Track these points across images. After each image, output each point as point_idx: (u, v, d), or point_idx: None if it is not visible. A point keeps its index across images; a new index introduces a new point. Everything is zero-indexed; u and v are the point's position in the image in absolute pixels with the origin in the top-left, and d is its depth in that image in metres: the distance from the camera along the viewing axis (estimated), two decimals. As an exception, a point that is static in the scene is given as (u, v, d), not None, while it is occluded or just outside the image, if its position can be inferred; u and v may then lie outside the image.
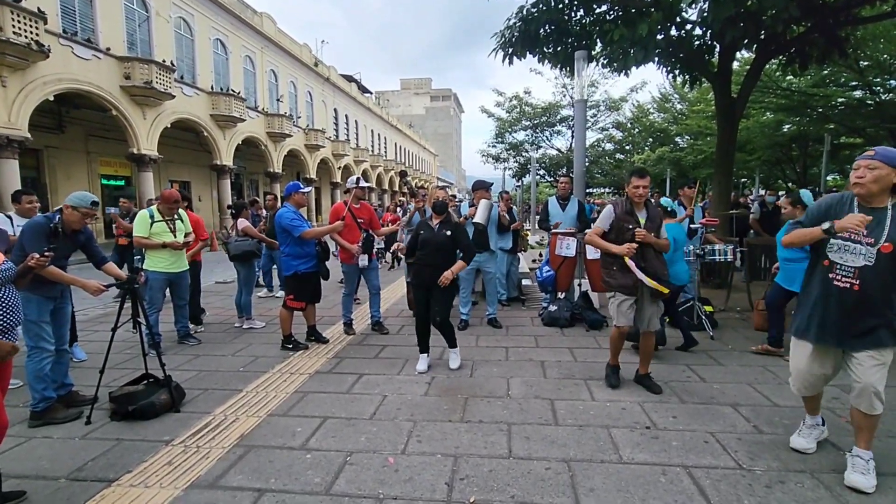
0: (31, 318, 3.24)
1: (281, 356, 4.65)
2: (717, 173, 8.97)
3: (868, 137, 15.74)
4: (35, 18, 12.05)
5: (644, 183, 3.50)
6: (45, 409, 3.28)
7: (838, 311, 2.41)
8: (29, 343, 3.29)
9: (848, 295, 2.37)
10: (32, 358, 3.26)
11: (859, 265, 2.34)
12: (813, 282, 2.55)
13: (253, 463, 2.72)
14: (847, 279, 2.38)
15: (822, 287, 2.47)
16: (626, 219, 3.54)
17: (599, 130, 25.70)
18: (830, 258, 2.44)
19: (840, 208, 2.44)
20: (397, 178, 45.58)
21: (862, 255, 2.34)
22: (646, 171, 3.62)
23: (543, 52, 7.91)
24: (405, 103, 77.12)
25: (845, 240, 2.37)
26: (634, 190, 3.52)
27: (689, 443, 2.86)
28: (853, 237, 2.35)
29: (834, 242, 2.42)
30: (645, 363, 3.77)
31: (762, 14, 5.84)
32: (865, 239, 2.32)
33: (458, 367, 4.20)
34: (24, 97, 12.62)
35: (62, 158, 16.34)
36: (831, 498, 2.32)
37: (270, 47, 25.08)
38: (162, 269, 4.77)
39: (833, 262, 2.43)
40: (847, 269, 2.38)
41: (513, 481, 2.50)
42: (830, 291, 2.43)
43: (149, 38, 17.15)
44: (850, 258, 2.37)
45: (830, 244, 2.43)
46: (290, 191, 4.90)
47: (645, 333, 3.71)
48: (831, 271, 2.43)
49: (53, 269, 3.22)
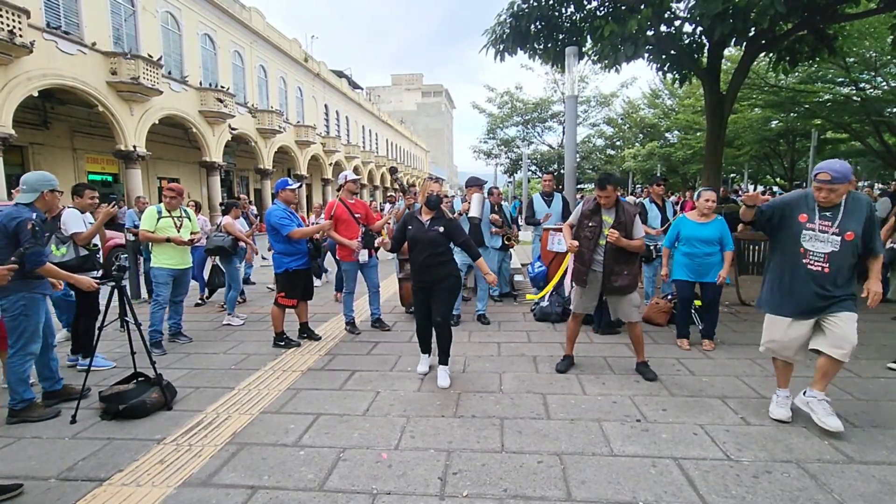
0: (36, 320, 3.20)
1: (273, 353, 4.64)
2: (706, 169, 9.06)
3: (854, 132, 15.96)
4: (17, 12, 11.81)
5: (605, 194, 3.72)
6: (22, 409, 3.24)
7: (813, 289, 2.88)
8: (19, 343, 3.20)
9: (820, 275, 2.87)
10: (17, 360, 3.20)
11: (828, 251, 2.84)
12: (784, 267, 3.01)
13: (246, 460, 2.71)
14: (818, 263, 2.87)
15: (797, 271, 2.94)
16: (589, 217, 3.82)
17: (590, 126, 25.80)
18: (805, 246, 2.91)
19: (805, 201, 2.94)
20: (388, 175, 45.41)
21: (829, 242, 2.84)
22: (608, 181, 3.74)
23: (534, 48, 7.92)
24: (396, 99, 76.69)
25: (815, 231, 2.87)
26: (599, 199, 3.79)
27: (679, 435, 2.91)
28: (821, 228, 2.86)
29: (806, 233, 2.90)
30: (639, 352, 3.96)
31: (750, 10, 5.89)
32: (831, 230, 2.83)
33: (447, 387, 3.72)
34: (8, 93, 12.38)
35: (48, 155, 16.06)
36: (816, 487, 2.37)
37: (259, 42, 24.81)
38: (168, 265, 4.80)
39: (807, 249, 2.90)
40: (818, 255, 2.87)
41: (505, 475, 2.53)
42: (805, 274, 2.91)
43: (135, 32, 16.89)
44: (820, 245, 2.86)
45: (803, 234, 2.91)
46: (278, 188, 4.88)
47: (628, 324, 3.93)
48: (805, 257, 2.91)
49: (50, 265, 3.20)
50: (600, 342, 4.81)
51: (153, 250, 4.87)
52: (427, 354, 4.10)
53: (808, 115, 15.44)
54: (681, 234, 4.64)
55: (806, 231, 2.90)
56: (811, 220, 2.89)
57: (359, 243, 4.97)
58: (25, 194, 3.25)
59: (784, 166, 22.39)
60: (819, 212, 2.87)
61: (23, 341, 3.20)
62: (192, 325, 5.70)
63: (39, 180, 3.31)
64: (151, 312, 4.78)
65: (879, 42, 11.69)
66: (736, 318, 5.60)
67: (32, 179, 3.30)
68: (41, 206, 3.30)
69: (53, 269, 3.24)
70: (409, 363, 4.28)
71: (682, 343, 4.66)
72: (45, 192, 3.31)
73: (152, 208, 4.93)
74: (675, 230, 4.73)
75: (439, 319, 3.81)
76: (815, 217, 2.88)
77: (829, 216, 2.84)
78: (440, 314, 3.80)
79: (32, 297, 3.19)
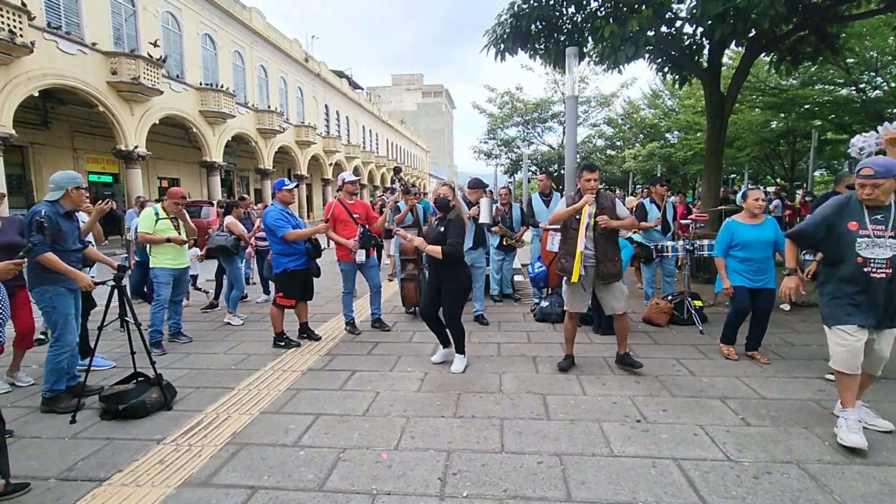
0: (62, 312, 3.39)
1: (273, 354, 4.64)
2: (706, 169, 9.07)
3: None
4: (18, 12, 11.82)
5: (594, 176, 3.81)
6: (51, 398, 3.42)
7: (882, 297, 2.74)
8: (53, 335, 3.42)
9: (884, 282, 2.73)
10: (55, 349, 3.40)
11: (888, 256, 2.71)
12: (844, 278, 2.84)
13: (245, 460, 2.71)
14: (882, 270, 2.72)
15: (861, 281, 2.77)
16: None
17: (590, 126, 25.76)
18: (863, 255, 2.75)
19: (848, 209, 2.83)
20: (388, 174, 45.43)
21: (889, 247, 2.71)
22: (595, 165, 3.93)
23: (535, 48, 7.92)
24: (397, 99, 76.70)
25: (871, 237, 2.73)
26: (586, 183, 3.82)
27: (679, 435, 2.90)
28: (875, 233, 2.72)
29: (861, 241, 2.75)
30: (621, 343, 4.04)
31: (750, 11, 5.89)
32: (888, 233, 2.70)
33: (462, 371, 4.03)
34: (8, 93, 12.41)
35: (48, 155, 16.10)
36: (817, 488, 2.37)
37: (260, 42, 24.84)
38: (168, 265, 4.83)
39: (866, 258, 2.74)
40: (880, 262, 2.72)
41: (505, 475, 2.52)
42: (871, 282, 2.74)
43: (136, 33, 16.91)
44: (879, 252, 2.72)
45: (859, 243, 2.76)
46: (276, 188, 4.90)
47: (615, 317, 3.99)
48: (866, 266, 2.75)
49: (52, 257, 3.26)
50: (600, 342, 4.80)
51: (153, 251, 4.88)
52: (444, 347, 4.30)
53: (808, 115, 15.44)
54: (735, 240, 4.21)
55: (861, 239, 2.75)
56: (863, 226, 2.74)
57: (355, 243, 4.98)
58: (53, 192, 3.45)
59: (784, 167, 22.38)
60: (869, 216, 2.74)
61: (57, 332, 3.40)
62: (192, 325, 5.71)
63: (65, 178, 3.51)
64: (152, 312, 4.79)
65: (881, 42, 11.69)
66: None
67: (58, 178, 3.50)
68: (67, 203, 3.50)
69: (53, 260, 3.27)
70: (410, 363, 4.28)
71: (728, 351, 4.32)
72: (71, 188, 3.48)
73: (150, 209, 4.94)
74: (727, 236, 4.26)
75: (447, 319, 4.11)
76: (865, 222, 2.74)
77: (881, 219, 2.71)
78: (446, 314, 4.09)
79: (56, 290, 3.38)
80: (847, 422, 2.77)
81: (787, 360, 4.20)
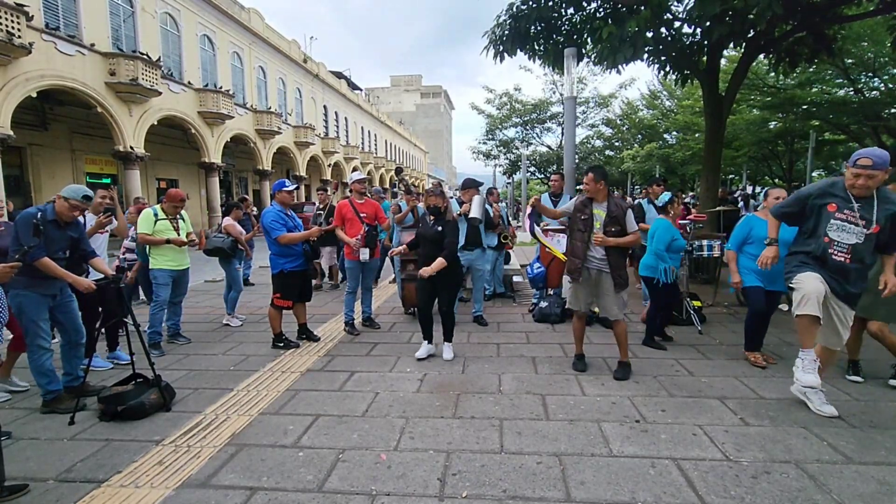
0: (30, 317, 3.33)
1: (272, 355, 4.63)
2: (704, 169, 9.09)
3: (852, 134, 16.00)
4: (16, 13, 11.80)
5: (585, 179, 3.84)
6: (51, 400, 3.43)
7: (835, 277, 2.92)
8: (27, 339, 3.39)
9: (840, 266, 2.89)
10: (32, 355, 3.38)
11: (852, 242, 2.85)
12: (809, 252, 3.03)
13: (245, 461, 2.71)
14: (842, 254, 2.88)
15: (822, 259, 2.95)
16: (581, 210, 3.89)
17: (589, 127, 25.85)
18: (830, 235, 2.91)
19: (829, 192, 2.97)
20: (387, 175, 45.43)
21: (855, 234, 2.84)
22: (602, 170, 3.91)
23: (534, 49, 7.93)
24: (395, 100, 76.75)
25: (843, 221, 2.86)
26: (585, 186, 3.87)
27: (678, 436, 2.91)
28: (850, 219, 2.85)
29: (834, 222, 2.90)
30: (623, 351, 3.98)
31: (748, 11, 5.90)
32: (860, 222, 2.83)
33: (451, 360, 4.34)
34: (6, 94, 12.37)
35: (46, 156, 16.05)
36: (815, 487, 2.37)
37: (258, 43, 24.81)
38: (168, 266, 4.82)
39: (832, 239, 2.90)
40: (842, 246, 2.87)
41: (504, 476, 2.53)
42: (828, 262, 2.92)
43: (134, 33, 16.89)
44: (845, 237, 2.86)
45: (830, 224, 2.91)
46: (275, 189, 4.90)
47: (614, 323, 3.92)
48: (830, 247, 2.91)
49: (48, 261, 3.23)
50: (600, 343, 4.80)
51: (152, 252, 4.86)
52: (427, 342, 4.47)
53: (806, 116, 15.48)
54: (752, 236, 4.03)
55: (834, 220, 2.90)
56: (840, 209, 2.88)
57: (357, 241, 4.99)
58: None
59: (782, 167, 22.42)
60: (850, 202, 2.86)
61: (28, 337, 3.37)
62: (191, 325, 5.70)
63: (65, 189, 3.47)
64: (151, 314, 4.78)
65: (878, 44, 11.73)
66: (735, 319, 5.60)
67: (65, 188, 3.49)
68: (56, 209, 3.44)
69: (52, 266, 3.25)
70: (409, 364, 4.28)
71: (755, 358, 4.10)
72: (58, 196, 3.43)
73: (148, 210, 4.91)
74: (745, 230, 4.09)
75: (444, 308, 4.39)
76: (843, 207, 2.88)
77: (858, 207, 2.85)
78: (445, 304, 4.38)
79: (28, 295, 3.31)
80: (804, 361, 3.06)
81: (787, 360, 4.20)
